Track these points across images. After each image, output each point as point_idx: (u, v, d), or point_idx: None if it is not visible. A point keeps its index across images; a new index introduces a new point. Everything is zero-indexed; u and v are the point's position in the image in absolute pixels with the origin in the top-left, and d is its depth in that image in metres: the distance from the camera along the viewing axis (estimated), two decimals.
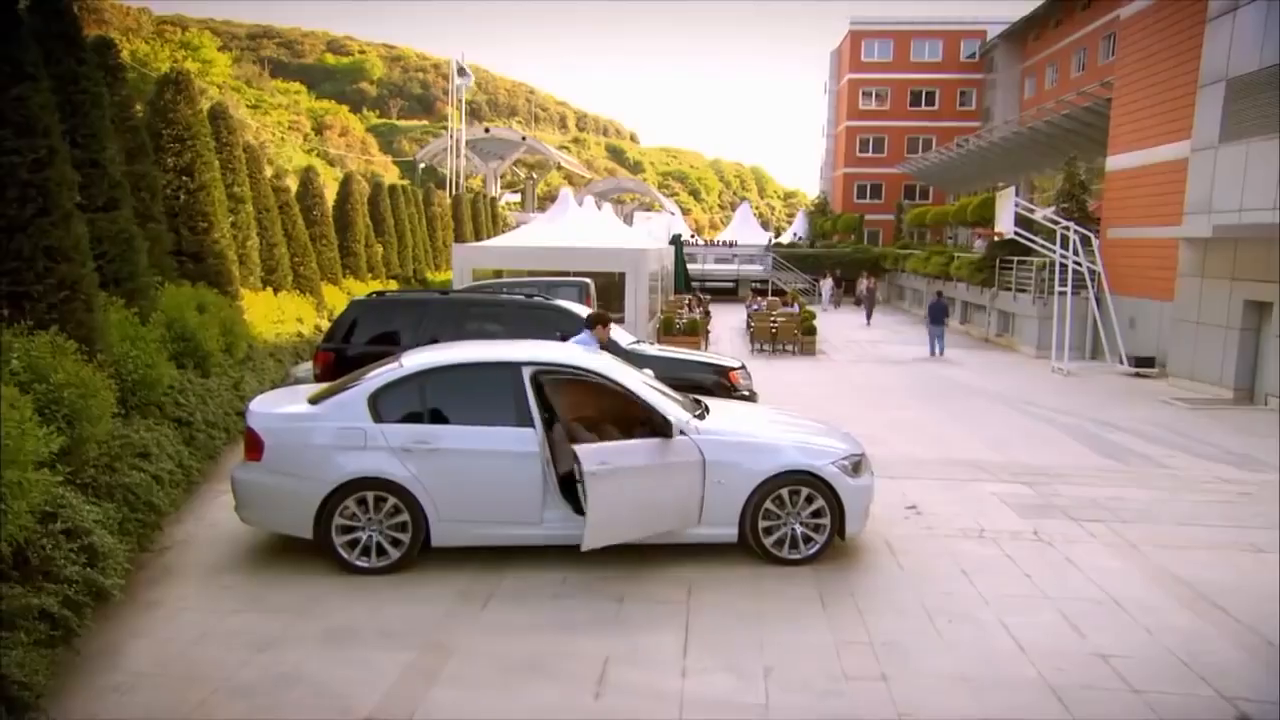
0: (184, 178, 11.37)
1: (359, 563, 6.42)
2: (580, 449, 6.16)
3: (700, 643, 5.47)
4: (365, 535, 6.42)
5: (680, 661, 5.24)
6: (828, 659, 5.31)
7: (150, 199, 9.81)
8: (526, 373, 6.70)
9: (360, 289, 20.51)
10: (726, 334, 26.93)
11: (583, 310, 10.51)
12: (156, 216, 9.91)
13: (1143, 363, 19.64)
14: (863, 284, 36.67)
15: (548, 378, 6.83)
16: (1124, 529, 7.96)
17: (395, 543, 6.45)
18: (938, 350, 22.60)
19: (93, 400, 5.56)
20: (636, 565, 6.64)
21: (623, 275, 22.99)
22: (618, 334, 10.32)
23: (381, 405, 6.54)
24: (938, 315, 22.97)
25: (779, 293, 36.89)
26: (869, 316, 32.36)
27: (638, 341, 10.45)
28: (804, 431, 7.33)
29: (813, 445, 6.95)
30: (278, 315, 14.47)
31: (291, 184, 20.07)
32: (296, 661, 5.15)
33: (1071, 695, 4.92)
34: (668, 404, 6.85)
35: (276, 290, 15.12)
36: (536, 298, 10.76)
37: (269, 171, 16.76)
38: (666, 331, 22.39)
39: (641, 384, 7.01)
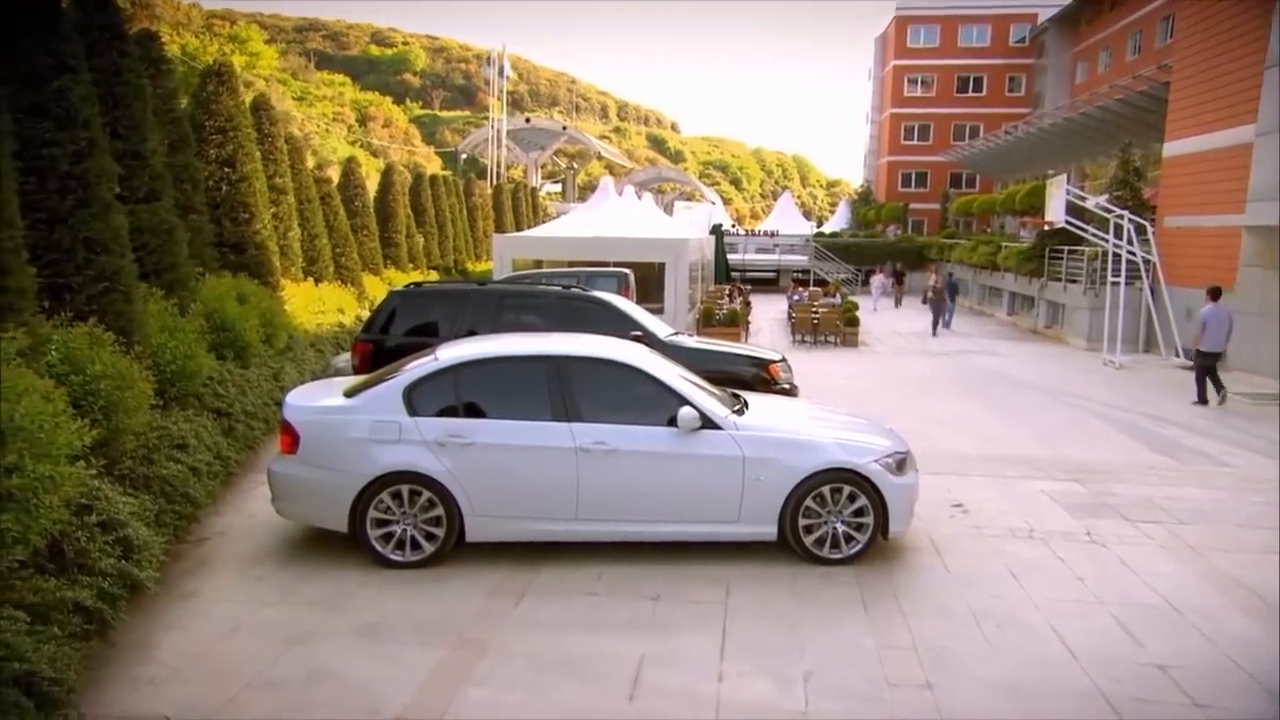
0: (226, 169, 11.45)
1: (393, 556, 6.38)
2: None
3: (737, 645, 5.33)
4: (400, 529, 6.39)
5: (717, 664, 5.10)
6: (869, 664, 5.13)
7: (192, 190, 9.87)
8: (562, 366, 6.60)
9: (401, 279, 20.59)
10: (767, 325, 26.64)
11: (621, 302, 10.36)
12: (198, 208, 9.98)
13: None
14: (931, 279, 28.67)
15: (583, 371, 6.71)
16: (1181, 530, 7.64)
17: (430, 537, 6.40)
18: (948, 324, 25.94)
19: (129, 392, 5.57)
20: (673, 563, 6.51)
21: (662, 265, 22.84)
22: (656, 325, 10.18)
23: (416, 399, 6.49)
24: (951, 293, 26.73)
25: (821, 283, 36.42)
26: (939, 323, 25.18)
27: (676, 333, 10.30)
28: (846, 428, 7.13)
29: (855, 442, 6.75)
30: (319, 306, 14.55)
31: (334, 175, 20.23)
32: (327, 657, 5.11)
33: (1128, 708, 4.69)
34: (705, 399, 6.70)
35: (318, 281, 15.21)
36: (574, 289, 10.63)
37: (311, 162, 16.87)
38: (706, 322, 22.18)
39: (679, 378, 6.87)
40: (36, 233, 5.86)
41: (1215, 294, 14.52)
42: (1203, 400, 14.17)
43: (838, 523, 6.54)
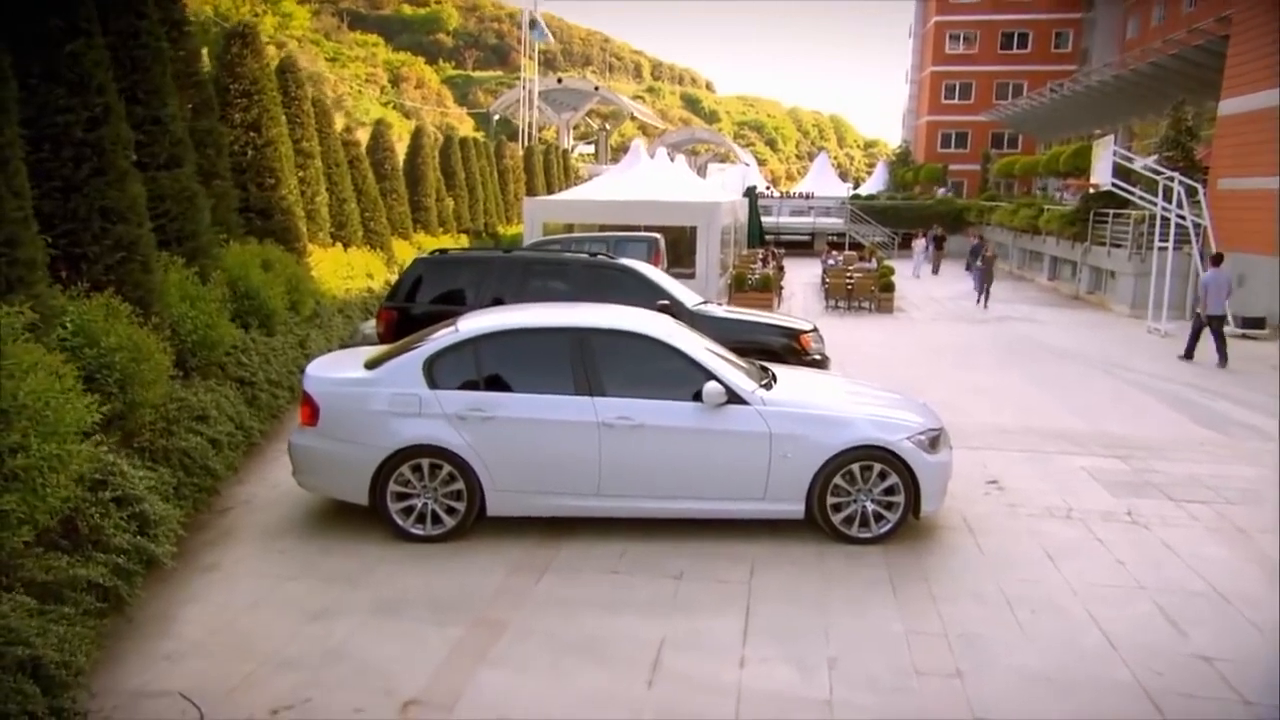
0: (251, 133, 11.33)
1: (414, 530, 6.31)
2: None
3: (761, 629, 5.19)
4: (420, 503, 6.31)
5: (739, 649, 4.96)
6: (897, 651, 4.96)
7: (216, 155, 9.76)
8: (584, 339, 6.43)
9: (431, 243, 20.52)
10: (800, 290, 26.25)
11: (648, 270, 10.14)
12: (222, 173, 9.88)
13: (1251, 324, 18.32)
14: (973, 241, 29.07)
15: (607, 344, 6.53)
16: (1229, 511, 7.33)
17: (450, 511, 6.32)
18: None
19: (146, 364, 5.50)
20: (698, 540, 6.37)
21: (694, 229, 22.50)
22: (683, 294, 9.95)
23: (436, 371, 6.37)
24: (977, 255, 26.05)
25: (856, 246, 35.78)
26: (983, 294, 23.13)
27: (704, 302, 10.06)
28: (878, 403, 6.90)
29: (887, 418, 6.52)
30: (347, 271, 14.50)
31: (368, 137, 20.06)
32: (345, 634, 5.05)
33: (1171, 704, 4.48)
34: (731, 373, 6.51)
35: (346, 246, 15.15)
36: (600, 256, 10.42)
37: (340, 124, 16.70)
38: (738, 287, 21.87)
39: (705, 351, 6.67)
40: (52, 202, 5.78)
41: (1217, 260, 15.74)
42: (1220, 354, 14.75)
43: (867, 501, 6.35)
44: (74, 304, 5.37)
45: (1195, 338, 15.34)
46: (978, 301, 23.15)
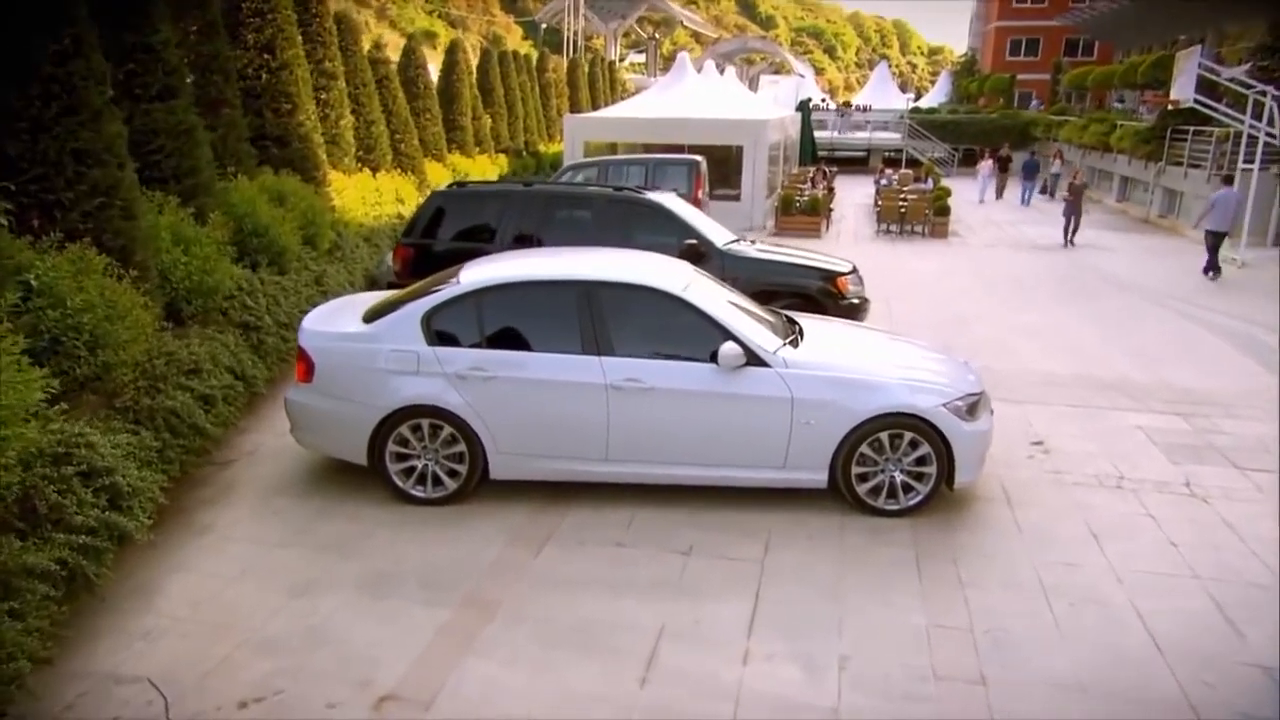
0: (265, 55, 10.78)
1: (415, 492, 6.03)
2: None
3: (769, 618, 4.81)
4: (421, 464, 6.01)
5: (744, 641, 4.61)
6: (916, 649, 4.56)
7: (223, 82, 9.28)
8: (593, 292, 5.95)
9: (466, 165, 19.99)
10: (852, 212, 25.16)
11: (676, 204, 9.52)
12: (230, 101, 9.41)
13: None
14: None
15: (617, 298, 6.03)
16: None
17: (452, 473, 6.01)
18: (1028, 199, 27.47)
19: (122, 323, 5.19)
20: (711, 508, 5.98)
21: (740, 149, 21.55)
22: (714, 231, 9.34)
23: (436, 326, 5.98)
24: (1030, 171, 27.99)
25: (914, 164, 34.18)
26: (1071, 231, 19.62)
27: (736, 239, 9.43)
28: (912, 363, 6.33)
29: (922, 382, 5.97)
30: (375, 198, 14.08)
31: (414, 47, 19.30)
32: (329, 612, 4.82)
33: None
34: (752, 330, 5.99)
35: (375, 170, 14.68)
36: (625, 191, 9.81)
37: (373, 38, 15.99)
38: (785, 211, 21.00)
39: (724, 305, 6.16)
40: (20, 144, 5.40)
41: (1229, 180, 16.66)
42: (1210, 271, 15.75)
43: (896, 471, 5.87)
44: (42, 258, 5.03)
45: (1215, 251, 15.96)
46: (1066, 241, 19.51)
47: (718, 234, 9.28)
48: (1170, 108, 21.18)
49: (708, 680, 4.30)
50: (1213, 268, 15.79)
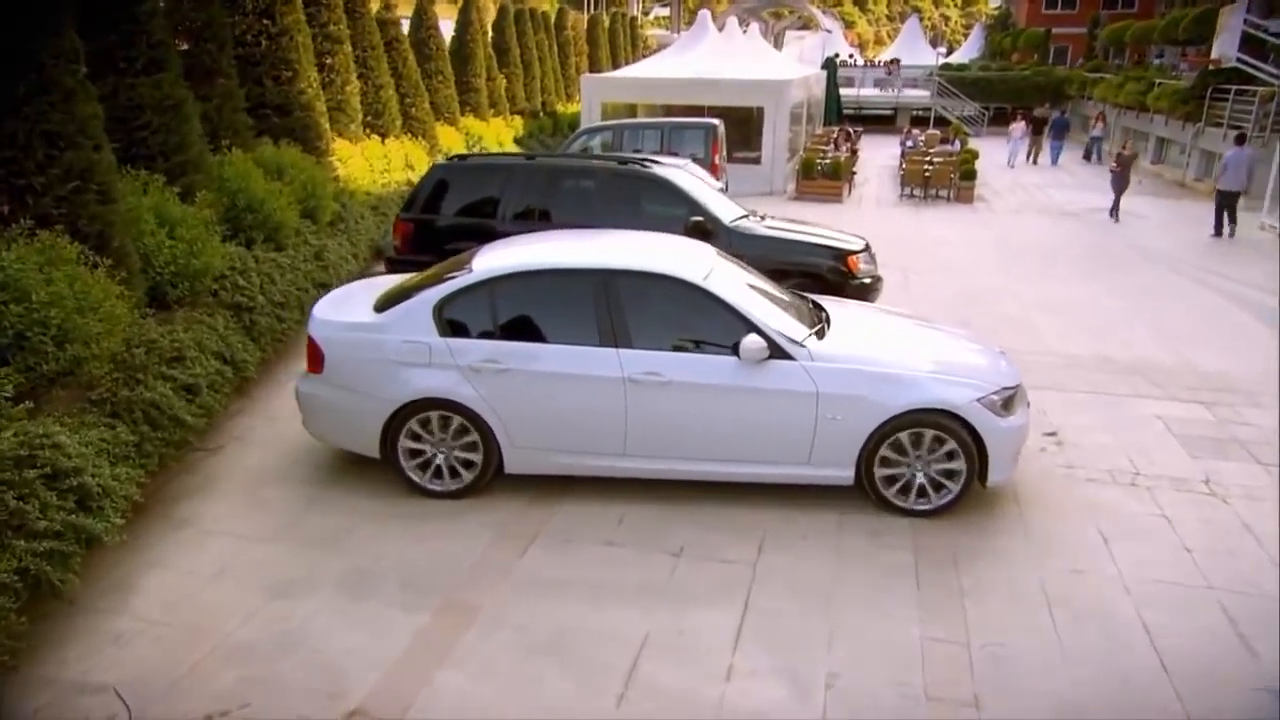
0: (264, 20, 10.48)
1: (431, 486, 5.88)
2: None
3: (757, 628, 4.64)
4: (435, 455, 5.85)
5: (729, 654, 4.44)
6: (908, 665, 4.37)
7: (218, 50, 9.02)
8: (610, 281, 5.71)
9: (479, 128, 19.62)
10: (875, 175, 24.55)
11: (683, 179, 9.19)
12: (225, 70, 9.15)
13: None
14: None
15: (635, 288, 5.77)
16: None
17: (468, 465, 5.85)
18: (1057, 158, 27.14)
19: (93, 315, 5.03)
20: (706, 504, 5.79)
21: (760, 110, 21.02)
22: (721, 207, 9.03)
23: (448, 316, 5.76)
24: (1059, 130, 27.55)
25: (942, 123, 33.24)
26: (1117, 204, 18.05)
27: (744, 216, 9.10)
28: (944, 354, 6.03)
29: (954, 375, 5.68)
30: (384, 165, 13.83)
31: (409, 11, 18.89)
32: (305, 616, 4.71)
33: None
34: (777, 320, 5.74)
35: (384, 136, 14.40)
36: (631, 164, 9.49)
37: (376, 3, 15.59)
38: (806, 174, 20.47)
39: (747, 293, 5.91)
40: None
41: (1241, 139, 16.83)
42: (1218, 233, 15.98)
43: (927, 469, 5.63)
44: (8, 248, 4.86)
45: (1222, 213, 16.09)
46: (1114, 217, 17.93)
47: (726, 210, 8.96)
48: (1211, 67, 20.32)
49: (687, 699, 4.14)
50: (1220, 224, 15.98)
